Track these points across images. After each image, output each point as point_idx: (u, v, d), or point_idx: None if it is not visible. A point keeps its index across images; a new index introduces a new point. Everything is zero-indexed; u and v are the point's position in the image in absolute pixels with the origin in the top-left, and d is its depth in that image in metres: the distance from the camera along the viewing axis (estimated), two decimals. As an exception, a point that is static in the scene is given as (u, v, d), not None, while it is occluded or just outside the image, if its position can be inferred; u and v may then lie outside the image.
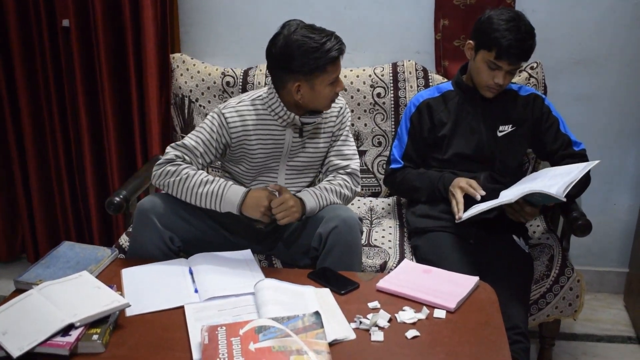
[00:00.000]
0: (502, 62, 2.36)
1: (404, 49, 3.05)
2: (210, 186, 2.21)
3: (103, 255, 2.23)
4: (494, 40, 2.34)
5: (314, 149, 2.40)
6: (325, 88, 2.21)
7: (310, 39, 2.14)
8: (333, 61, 2.16)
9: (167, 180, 2.24)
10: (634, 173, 3.15)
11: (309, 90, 2.20)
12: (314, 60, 2.14)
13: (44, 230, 3.40)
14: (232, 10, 3.08)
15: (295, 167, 2.40)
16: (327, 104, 2.28)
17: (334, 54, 2.15)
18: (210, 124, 2.30)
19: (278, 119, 2.30)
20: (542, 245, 2.60)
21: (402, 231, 2.72)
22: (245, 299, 1.99)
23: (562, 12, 2.93)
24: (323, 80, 2.18)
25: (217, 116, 2.30)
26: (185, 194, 2.23)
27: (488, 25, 2.36)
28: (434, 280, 2.11)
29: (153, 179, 2.29)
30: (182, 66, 3.05)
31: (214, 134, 2.29)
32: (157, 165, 2.29)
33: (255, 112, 2.31)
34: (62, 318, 1.76)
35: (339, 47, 2.17)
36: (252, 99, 2.33)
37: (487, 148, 2.51)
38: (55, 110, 3.17)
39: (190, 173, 2.23)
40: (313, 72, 2.16)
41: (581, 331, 3.01)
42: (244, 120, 2.29)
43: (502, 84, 2.41)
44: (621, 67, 2.99)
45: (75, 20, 2.99)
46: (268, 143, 2.32)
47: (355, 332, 1.83)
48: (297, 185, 2.42)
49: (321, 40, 2.14)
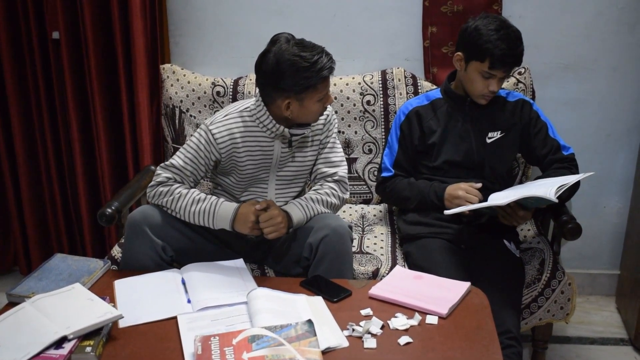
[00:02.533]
0: (496, 71, 2.37)
1: (392, 57, 3.07)
2: (202, 204, 2.24)
3: (95, 267, 2.23)
4: (487, 51, 2.33)
5: (302, 158, 2.40)
6: (315, 104, 2.21)
7: (301, 58, 2.11)
8: (324, 79, 2.16)
9: (161, 200, 2.27)
10: (623, 176, 3.17)
11: (299, 107, 2.20)
12: (305, 80, 2.12)
13: (36, 243, 3.39)
14: (221, 21, 3.09)
15: (284, 178, 2.40)
16: (316, 118, 2.29)
17: (325, 73, 2.14)
18: (198, 142, 2.29)
19: (266, 131, 2.29)
20: (533, 249, 2.61)
21: (394, 238, 2.73)
22: (238, 308, 2.00)
23: (549, 18, 2.95)
24: (313, 97, 2.18)
25: (205, 133, 2.28)
26: (179, 213, 2.26)
27: (477, 37, 2.35)
28: (426, 287, 2.12)
29: (148, 199, 2.32)
30: (173, 77, 3.06)
31: (201, 152, 2.29)
32: (150, 187, 2.31)
33: (244, 124, 2.30)
34: (55, 330, 1.76)
35: (330, 65, 2.16)
36: (240, 111, 2.32)
37: (477, 155, 2.53)
38: (47, 122, 3.17)
39: (182, 192, 2.25)
40: (303, 90, 2.15)
41: (574, 334, 3.02)
42: (232, 134, 2.28)
43: (496, 90, 2.43)
44: (609, 72, 3.01)
45: (65, 32, 3.00)
46: (256, 155, 2.32)
47: (348, 340, 1.84)
48: (286, 195, 2.43)
49: (312, 59, 2.11)
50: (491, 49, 2.32)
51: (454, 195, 2.41)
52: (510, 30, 2.35)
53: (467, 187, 2.40)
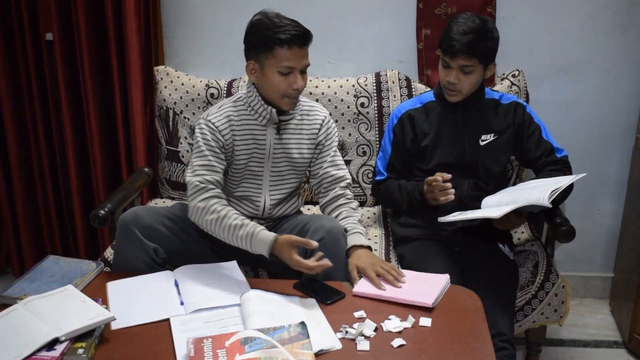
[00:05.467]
0: (447, 58, 2.41)
1: (386, 59, 3.07)
2: (241, 231, 2.17)
3: (88, 269, 2.22)
4: (442, 38, 2.42)
5: (297, 153, 2.40)
6: (275, 75, 2.19)
7: (268, 18, 2.18)
8: (281, 43, 2.14)
9: (201, 219, 2.22)
10: (616, 178, 3.17)
11: (260, 72, 2.22)
12: (263, 37, 2.15)
13: (29, 244, 3.38)
14: (215, 22, 3.09)
15: (279, 172, 2.40)
16: (280, 97, 2.25)
17: (282, 36, 2.13)
18: (203, 135, 2.29)
19: (258, 116, 2.30)
20: (527, 251, 2.61)
21: (388, 240, 2.73)
22: (231, 310, 1.99)
23: (543, 20, 2.96)
24: (272, 63, 2.17)
25: (205, 124, 2.29)
26: (220, 236, 2.22)
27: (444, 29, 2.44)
28: (407, 281, 2.15)
29: (190, 217, 2.26)
30: (166, 78, 3.06)
31: (211, 141, 2.28)
32: (189, 200, 2.25)
33: (237, 112, 2.32)
34: (47, 332, 1.76)
35: (293, 32, 2.15)
36: (233, 101, 2.35)
37: (470, 157, 2.53)
38: (40, 124, 3.17)
39: (221, 214, 2.19)
40: (261, 50, 2.17)
41: (568, 337, 3.03)
42: (230, 120, 2.30)
43: (453, 82, 2.42)
44: (602, 74, 3.02)
45: (59, 33, 2.99)
46: (250, 143, 2.32)
47: (342, 342, 1.83)
48: (281, 190, 2.43)
49: (278, 23, 2.16)
50: (443, 38, 2.41)
51: (431, 197, 2.41)
52: (470, 21, 2.38)
53: (438, 191, 2.36)
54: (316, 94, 2.95)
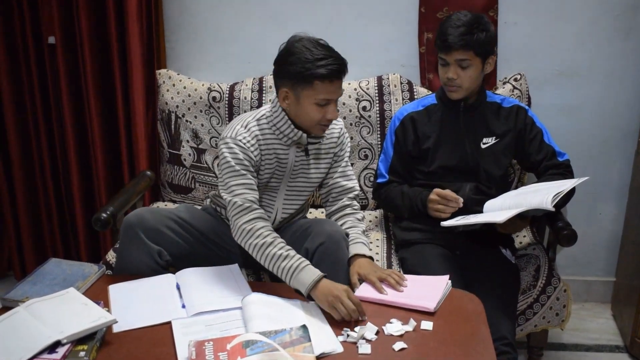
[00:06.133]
0: (443, 55, 2.42)
1: (388, 63, 3.07)
2: (285, 262, 2.11)
3: (90, 272, 2.22)
4: (436, 37, 2.44)
5: (315, 169, 2.39)
6: (311, 105, 2.17)
7: (308, 49, 2.13)
8: (322, 78, 2.12)
9: (247, 243, 2.17)
10: (618, 182, 3.17)
11: (295, 101, 2.18)
12: (303, 70, 2.11)
13: (31, 247, 3.38)
14: (217, 26, 3.10)
15: (295, 188, 2.39)
16: (313, 125, 2.23)
17: (322, 71, 2.10)
18: (234, 154, 2.21)
19: (283, 137, 2.27)
20: (529, 255, 2.61)
21: (390, 244, 2.73)
22: (233, 313, 2.00)
23: (545, 24, 2.96)
24: (309, 95, 2.15)
25: (234, 144, 2.22)
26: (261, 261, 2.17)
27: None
28: (408, 285, 2.15)
29: (234, 236, 2.21)
30: (169, 82, 3.06)
31: (245, 161, 2.21)
32: (232, 218, 2.20)
33: (261, 131, 2.27)
34: (49, 335, 1.76)
35: (334, 67, 2.13)
36: (257, 119, 2.29)
37: (472, 160, 2.53)
38: (42, 127, 3.17)
39: (267, 240, 2.14)
40: (300, 81, 2.14)
41: (569, 341, 3.02)
42: (257, 140, 2.26)
43: (452, 77, 2.43)
44: (604, 78, 3.02)
45: (61, 37, 3.00)
46: (272, 162, 2.30)
47: (343, 345, 1.84)
48: (293, 206, 2.42)
49: (318, 55, 2.12)
50: (437, 36, 2.44)
51: (434, 208, 2.43)
52: (462, 15, 2.40)
53: (445, 201, 2.40)
54: (318, 98, 2.95)
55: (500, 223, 2.27)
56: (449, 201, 2.38)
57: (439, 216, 2.40)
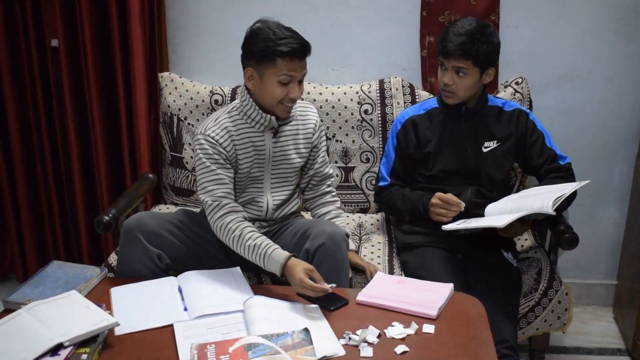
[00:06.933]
0: (442, 59, 2.43)
1: (390, 66, 3.08)
2: (255, 253, 2.18)
3: (92, 274, 2.23)
4: (439, 39, 2.46)
5: (297, 155, 2.42)
6: (274, 84, 2.20)
7: (270, 29, 2.19)
8: (282, 55, 2.16)
9: (223, 238, 2.25)
10: (619, 185, 3.17)
11: (259, 80, 2.23)
12: (265, 48, 2.16)
13: (33, 250, 3.39)
14: (219, 29, 3.10)
15: (279, 175, 2.42)
16: (276, 104, 2.26)
17: (283, 49, 2.15)
18: (203, 150, 2.27)
19: (255, 124, 2.31)
20: (530, 258, 2.61)
21: (391, 247, 2.73)
22: (235, 316, 2.00)
23: (546, 28, 2.97)
24: (272, 73, 2.19)
25: (204, 140, 2.27)
26: (242, 255, 2.23)
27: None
28: (410, 290, 2.15)
29: (216, 234, 2.29)
30: (171, 85, 3.07)
31: (214, 155, 2.26)
32: (208, 220, 2.28)
33: (233, 123, 2.32)
34: (51, 337, 1.76)
35: (295, 46, 2.17)
36: (228, 112, 2.35)
37: (473, 163, 2.53)
38: (44, 130, 3.17)
39: (236, 233, 2.20)
40: (262, 60, 2.18)
41: (571, 344, 3.02)
42: (229, 132, 2.30)
43: (447, 83, 2.44)
44: (605, 81, 3.02)
45: (64, 40, 3.00)
46: (250, 151, 2.33)
47: (345, 348, 1.84)
48: (281, 192, 2.44)
49: (280, 34, 2.17)
50: (440, 39, 2.45)
51: (436, 212, 2.43)
52: (466, 23, 2.40)
53: (446, 205, 2.41)
54: (320, 101, 2.95)
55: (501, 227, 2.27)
56: (450, 205, 2.39)
57: (440, 220, 2.40)
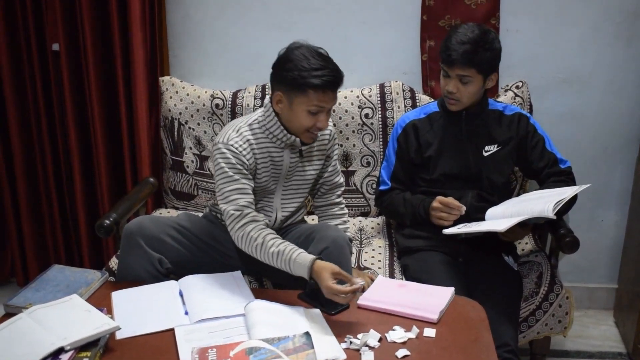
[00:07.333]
0: (446, 67, 2.43)
1: (391, 70, 3.08)
2: (279, 259, 2.12)
3: (93, 278, 2.23)
4: (441, 47, 2.44)
5: (310, 169, 2.41)
6: (303, 112, 2.17)
7: (305, 58, 2.14)
8: (315, 88, 2.12)
9: (245, 247, 2.19)
10: (620, 189, 3.17)
11: (288, 106, 2.19)
12: (298, 77, 2.12)
13: (34, 254, 3.39)
14: (220, 33, 3.11)
15: (290, 188, 2.41)
16: (302, 131, 2.24)
17: (316, 81, 2.11)
18: (226, 159, 2.21)
19: (276, 141, 2.28)
20: (531, 262, 2.61)
21: (392, 251, 2.73)
22: (236, 320, 2.00)
23: (546, 32, 2.97)
24: (302, 102, 2.15)
25: (226, 149, 2.22)
26: (267, 262, 2.17)
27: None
28: (411, 294, 2.15)
29: (239, 247, 2.24)
30: (172, 89, 3.07)
31: (237, 165, 2.22)
32: (228, 227, 2.22)
33: (254, 136, 2.28)
34: (52, 341, 1.76)
35: (329, 78, 2.13)
36: (249, 124, 2.29)
37: (474, 167, 2.53)
38: (45, 134, 3.18)
39: (258, 241, 2.15)
40: (294, 89, 2.14)
41: (572, 348, 3.02)
42: (250, 144, 2.26)
43: (452, 91, 2.43)
44: (605, 85, 3.03)
45: (65, 44, 3.01)
46: (268, 165, 2.31)
47: (346, 352, 1.84)
48: (291, 205, 2.43)
49: (314, 65, 2.12)
50: (442, 47, 2.43)
51: (437, 216, 2.44)
52: (469, 31, 2.39)
53: (447, 209, 2.41)
54: (320, 105, 2.96)
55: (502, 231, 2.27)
56: (451, 209, 2.39)
57: (441, 224, 2.40)
